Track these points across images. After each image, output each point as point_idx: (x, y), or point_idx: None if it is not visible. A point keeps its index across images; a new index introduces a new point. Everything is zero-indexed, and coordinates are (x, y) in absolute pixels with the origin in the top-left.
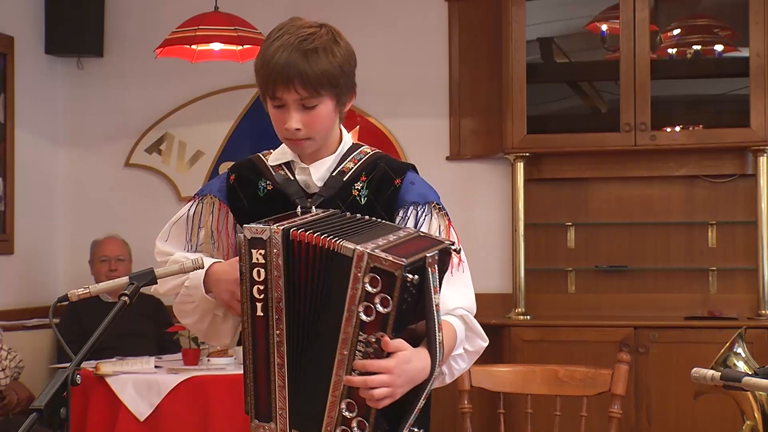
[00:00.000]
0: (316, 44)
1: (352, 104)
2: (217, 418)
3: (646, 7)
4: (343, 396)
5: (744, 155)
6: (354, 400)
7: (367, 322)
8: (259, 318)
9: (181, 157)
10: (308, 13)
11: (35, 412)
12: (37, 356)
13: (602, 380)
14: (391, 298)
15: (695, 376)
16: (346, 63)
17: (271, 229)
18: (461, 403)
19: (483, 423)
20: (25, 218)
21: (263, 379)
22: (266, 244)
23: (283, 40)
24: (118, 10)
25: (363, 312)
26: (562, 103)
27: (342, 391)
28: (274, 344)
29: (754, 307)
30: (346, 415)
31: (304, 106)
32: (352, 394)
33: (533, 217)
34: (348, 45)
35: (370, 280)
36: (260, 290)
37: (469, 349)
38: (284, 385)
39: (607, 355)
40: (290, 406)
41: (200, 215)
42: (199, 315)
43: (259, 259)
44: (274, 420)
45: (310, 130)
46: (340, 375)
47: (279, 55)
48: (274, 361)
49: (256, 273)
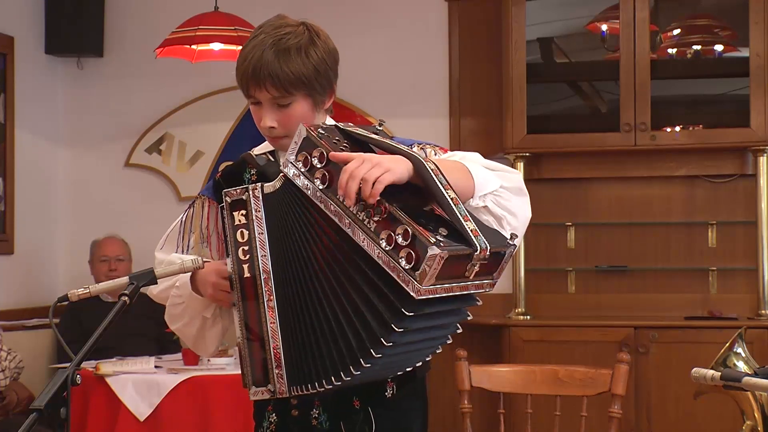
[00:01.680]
0: (290, 44)
1: (352, 104)
2: (217, 418)
3: (646, 7)
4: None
5: (744, 155)
6: (383, 229)
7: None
8: (247, 279)
9: (181, 157)
10: (308, 13)
11: (35, 412)
12: (37, 356)
13: (602, 380)
14: (319, 151)
15: (695, 376)
16: (321, 63)
17: (249, 188)
18: (461, 403)
19: (483, 423)
20: (25, 218)
21: (257, 343)
22: (246, 204)
23: (259, 40)
24: (118, 10)
25: (320, 183)
26: (562, 103)
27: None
28: (264, 303)
29: (754, 307)
30: (387, 247)
31: (278, 104)
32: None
33: (533, 217)
34: (327, 44)
35: (303, 159)
36: (245, 251)
37: (507, 185)
38: (278, 343)
39: (607, 355)
40: (287, 362)
41: (191, 219)
42: (188, 317)
43: (241, 220)
44: (271, 381)
45: (285, 128)
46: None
47: (253, 54)
48: (266, 320)
49: (239, 235)
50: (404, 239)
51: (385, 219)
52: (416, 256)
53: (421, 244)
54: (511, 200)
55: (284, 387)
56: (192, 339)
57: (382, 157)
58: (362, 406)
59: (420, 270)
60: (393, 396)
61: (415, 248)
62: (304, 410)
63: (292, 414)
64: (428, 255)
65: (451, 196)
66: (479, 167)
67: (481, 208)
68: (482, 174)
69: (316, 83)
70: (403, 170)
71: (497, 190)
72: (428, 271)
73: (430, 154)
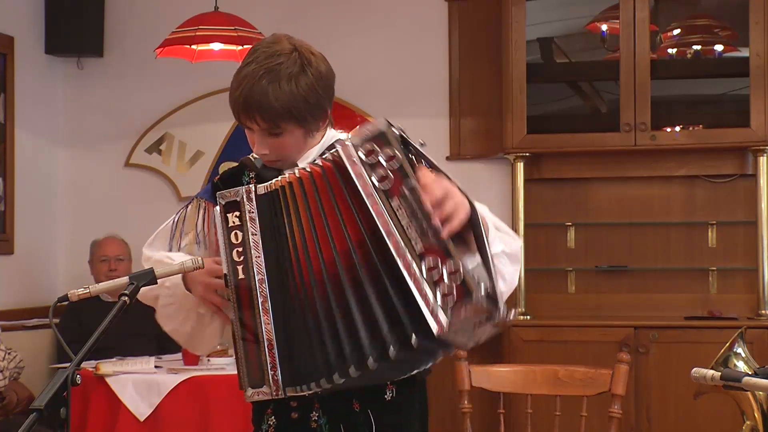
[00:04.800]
0: (281, 75)
1: (352, 104)
2: (217, 418)
3: (646, 7)
4: (419, 260)
5: (744, 155)
6: (430, 255)
7: (382, 186)
8: (242, 281)
9: (181, 157)
10: (308, 13)
11: (35, 412)
12: (37, 356)
13: (602, 380)
14: (392, 151)
15: (695, 376)
16: (312, 92)
17: (243, 189)
18: (461, 403)
19: (483, 423)
20: (25, 218)
21: (252, 344)
22: (240, 205)
23: (249, 70)
24: (118, 10)
25: (377, 180)
26: (562, 103)
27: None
28: (258, 305)
29: (754, 307)
30: (426, 276)
31: (269, 133)
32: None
33: (533, 217)
34: (319, 69)
35: (367, 150)
36: (239, 252)
37: (507, 251)
38: (273, 345)
39: (607, 355)
40: (282, 364)
41: (184, 220)
42: (182, 316)
43: (235, 222)
44: (267, 383)
45: (278, 154)
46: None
47: (244, 86)
48: (261, 322)
49: (233, 236)
50: (449, 275)
51: (437, 247)
52: (456, 297)
53: (466, 291)
54: (507, 267)
55: (280, 388)
56: (186, 337)
57: (459, 196)
58: (362, 408)
59: (455, 311)
60: (393, 398)
61: (459, 289)
62: (304, 413)
63: (292, 417)
64: (469, 303)
65: (491, 254)
66: (491, 227)
67: None
68: (492, 235)
69: (306, 114)
70: (466, 215)
71: (498, 253)
72: (461, 316)
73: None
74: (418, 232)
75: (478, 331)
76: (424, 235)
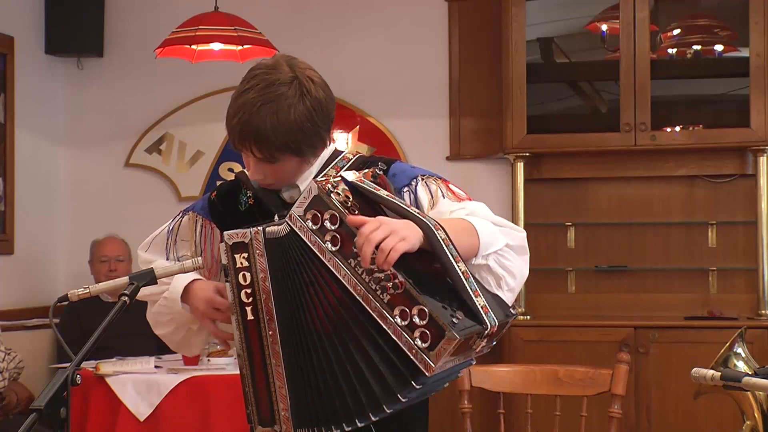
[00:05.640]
0: (279, 107)
1: (352, 104)
2: (217, 418)
3: (646, 7)
4: (391, 310)
5: (744, 155)
6: (398, 304)
7: (333, 249)
8: (251, 322)
9: (181, 157)
10: (308, 13)
11: (35, 412)
12: (37, 356)
13: (602, 380)
14: (335, 212)
15: (695, 376)
16: (310, 123)
17: (251, 231)
18: (461, 403)
19: (483, 423)
20: (25, 218)
21: (262, 382)
22: (248, 247)
23: (247, 98)
24: (118, 10)
25: (329, 241)
26: (562, 103)
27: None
28: (268, 345)
29: (754, 307)
30: (402, 323)
31: (266, 161)
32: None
33: (533, 217)
34: (318, 98)
35: (311, 216)
36: (248, 294)
37: (512, 243)
38: (284, 385)
39: (607, 355)
40: (293, 404)
41: (178, 230)
42: (174, 327)
43: (243, 263)
44: (277, 422)
45: (275, 180)
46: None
47: (240, 115)
48: (271, 362)
49: (241, 277)
50: (421, 319)
51: (400, 294)
52: (432, 336)
53: (438, 327)
54: (513, 260)
55: (291, 428)
56: (176, 344)
57: (397, 224)
58: None
59: (436, 351)
60: None
61: (432, 329)
62: None
63: None
64: (445, 339)
65: (461, 270)
66: (487, 224)
67: (482, 266)
68: (488, 232)
69: (303, 145)
70: (416, 239)
71: (501, 249)
72: (443, 353)
73: (435, 192)
74: (377, 283)
75: (476, 349)
76: (382, 286)
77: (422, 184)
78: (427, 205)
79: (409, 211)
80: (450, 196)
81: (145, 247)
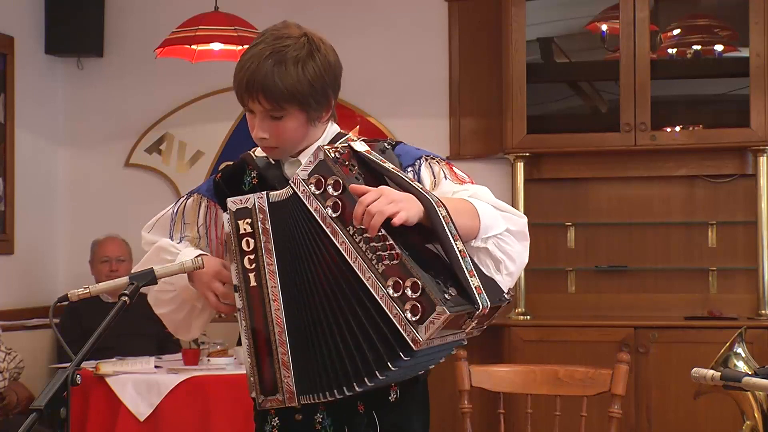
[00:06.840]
0: (288, 57)
1: (352, 104)
2: (217, 418)
3: (646, 7)
4: (384, 283)
5: (744, 155)
6: (392, 275)
7: (335, 216)
8: (253, 288)
9: (181, 157)
10: (308, 13)
11: (35, 412)
12: (37, 356)
13: (602, 380)
14: (339, 178)
15: (695, 376)
16: (318, 78)
17: (255, 197)
18: (461, 403)
19: (483, 423)
20: (25, 218)
21: (264, 351)
22: (251, 212)
23: (257, 50)
24: (118, 10)
25: (330, 207)
26: (562, 103)
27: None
28: (271, 312)
29: (754, 307)
30: (394, 294)
31: (271, 116)
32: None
33: (533, 217)
34: (327, 58)
35: (315, 181)
36: (251, 260)
37: (513, 229)
38: (287, 352)
39: (607, 355)
40: (296, 371)
41: (183, 212)
42: (177, 304)
43: (246, 229)
44: (279, 391)
45: (277, 140)
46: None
47: (249, 65)
48: (274, 329)
49: (245, 243)
50: (413, 291)
51: (395, 265)
52: (422, 309)
53: (429, 301)
54: (513, 245)
55: (294, 396)
56: (175, 324)
57: (398, 195)
58: (366, 410)
59: (425, 324)
60: (396, 400)
61: (423, 303)
62: (308, 414)
63: (296, 418)
64: (435, 313)
65: (459, 248)
66: (488, 208)
67: (481, 249)
68: (490, 215)
69: (310, 99)
70: (416, 212)
71: (502, 233)
72: (432, 327)
73: (438, 173)
74: (373, 252)
75: (466, 329)
76: (378, 255)
77: (426, 165)
78: (429, 185)
79: (413, 186)
80: (453, 178)
81: (148, 228)
